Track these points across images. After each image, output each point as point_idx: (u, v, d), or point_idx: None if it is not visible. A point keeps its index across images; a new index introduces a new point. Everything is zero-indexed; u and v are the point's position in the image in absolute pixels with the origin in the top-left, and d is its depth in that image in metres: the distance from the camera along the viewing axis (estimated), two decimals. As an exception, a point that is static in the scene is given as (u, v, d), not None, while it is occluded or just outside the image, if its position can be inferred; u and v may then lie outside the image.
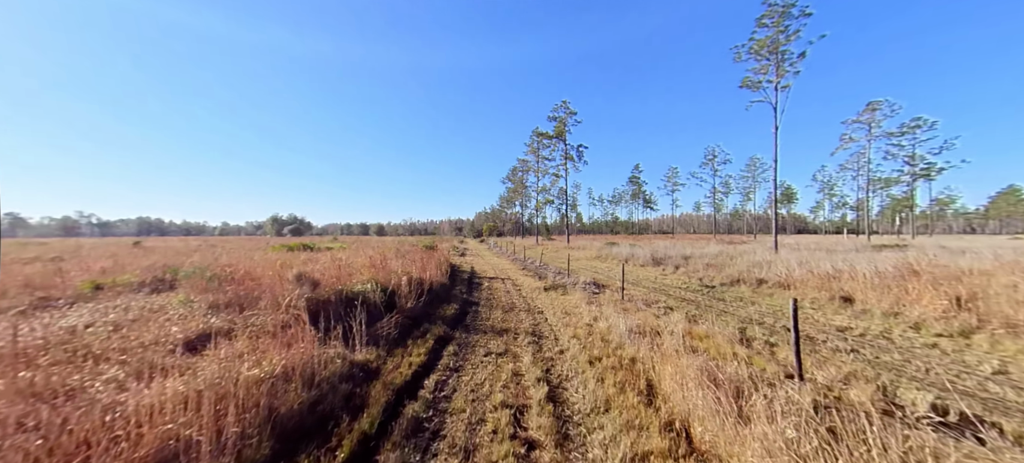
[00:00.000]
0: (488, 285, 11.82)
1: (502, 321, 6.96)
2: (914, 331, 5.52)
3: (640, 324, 5.99)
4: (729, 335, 5.39)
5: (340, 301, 5.79)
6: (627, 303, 8.21)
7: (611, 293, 9.70)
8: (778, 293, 8.96)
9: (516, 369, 4.55)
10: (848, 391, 3.32)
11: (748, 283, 10.33)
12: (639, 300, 8.67)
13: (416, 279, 8.63)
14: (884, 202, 54.85)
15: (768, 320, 6.73)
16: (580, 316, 7.13)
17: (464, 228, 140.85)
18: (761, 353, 4.71)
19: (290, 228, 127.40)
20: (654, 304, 8.27)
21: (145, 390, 2.75)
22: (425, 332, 5.86)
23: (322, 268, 6.75)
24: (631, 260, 18.17)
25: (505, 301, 9.06)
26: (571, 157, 40.02)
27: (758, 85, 18.12)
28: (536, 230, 56.50)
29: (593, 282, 11.60)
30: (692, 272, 13.32)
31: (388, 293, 6.64)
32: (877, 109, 32.47)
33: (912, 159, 33.97)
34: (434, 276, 9.93)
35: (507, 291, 10.72)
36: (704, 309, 7.79)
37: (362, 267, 7.82)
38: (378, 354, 4.62)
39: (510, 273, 15.21)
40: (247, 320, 4.81)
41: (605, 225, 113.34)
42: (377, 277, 7.33)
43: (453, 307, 7.96)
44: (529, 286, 11.40)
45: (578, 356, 4.89)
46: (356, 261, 9.45)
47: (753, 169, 63.41)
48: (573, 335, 5.87)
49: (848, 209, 76.47)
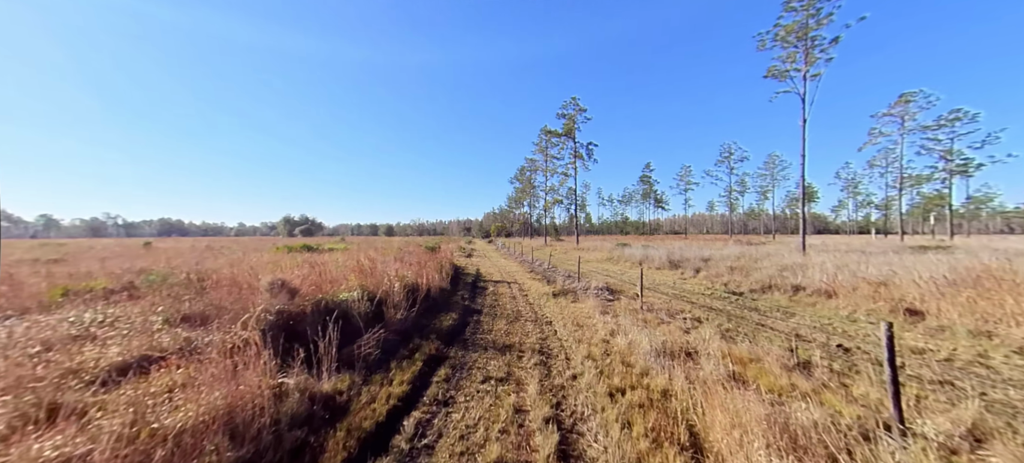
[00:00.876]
0: (493, 290, 10.99)
1: (505, 335, 6.11)
2: (1022, 357, 4.44)
3: (667, 341, 5.06)
4: (778, 357, 4.42)
5: (318, 313, 5.03)
6: (647, 313, 7.26)
7: (627, 300, 8.75)
8: (821, 303, 7.85)
9: (519, 403, 3.69)
10: (987, 457, 2.35)
11: (782, 289, 9.23)
12: (660, 309, 7.70)
13: (412, 285, 7.85)
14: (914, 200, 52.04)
15: (818, 337, 5.70)
16: (594, 329, 6.22)
17: (472, 229, 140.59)
18: (828, 385, 3.73)
19: (301, 228, 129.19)
20: (678, 315, 7.30)
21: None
22: (415, 350, 5.05)
23: (304, 274, 6.03)
24: (646, 262, 17.10)
25: (510, 309, 8.21)
26: (581, 155, 38.91)
27: (785, 74, 16.80)
28: (544, 231, 55.45)
29: (606, 287, 10.65)
30: (715, 276, 12.22)
31: (376, 302, 5.86)
32: (911, 101, 30.30)
33: (949, 154, 31.66)
34: (433, 281, 9.15)
35: (513, 297, 9.87)
36: (737, 321, 6.79)
37: (350, 272, 7.07)
38: (351, 382, 3.82)
39: (517, 276, 14.36)
40: (206, 339, 4.07)
41: (614, 225, 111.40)
42: (366, 283, 6.57)
43: (451, 317, 7.14)
44: (537, 291, 10.52)
45: (595, 385, 4.00)
46: (348, 263, 8.74)
47: (772, 167, 60.87)
48: (587, 355, 4.97)
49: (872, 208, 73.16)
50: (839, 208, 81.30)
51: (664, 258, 16.35)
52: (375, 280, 7.01)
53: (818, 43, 16.15)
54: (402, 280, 7.77)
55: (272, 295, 5.24)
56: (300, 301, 5.27)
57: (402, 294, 6.69)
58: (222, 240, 55.28)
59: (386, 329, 5.42)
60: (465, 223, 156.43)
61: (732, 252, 18.42)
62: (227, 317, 4.45)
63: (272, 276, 5.50)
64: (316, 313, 5.00)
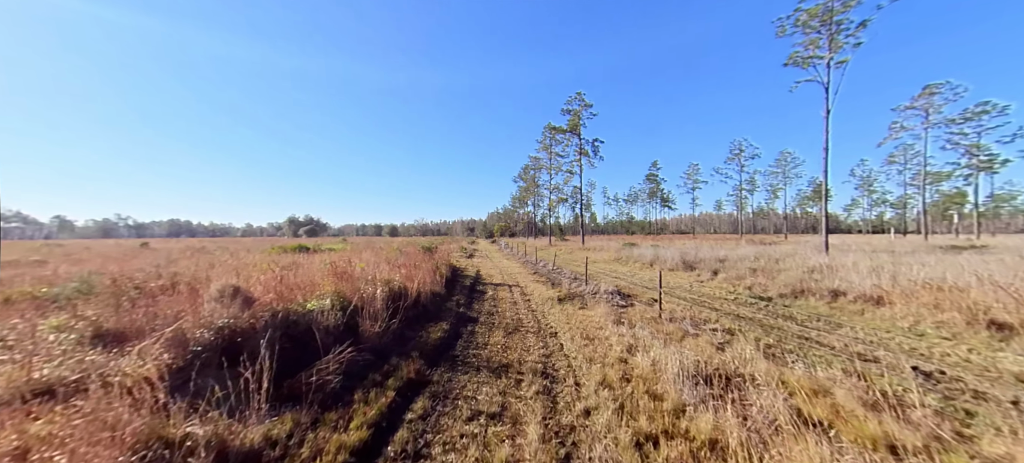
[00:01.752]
0: (492, 295, 10.06)
1: (502, 350, 5.17)
2: None
3: (700, 361, 4.08)
4: (851, 388, 3.42)
5: (274, 328, 4.14)
6: (668, 323, 6.27)
7: (642, 307, 7.76)
8: (870, 311, 6.79)
9: (515, 455, 2.75)
10: None
11: (817, 294, 8.17)
12: (682, 318, 6.71)
13: (398, 290, 6.95)
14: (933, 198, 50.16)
15: (884, 356, 4.67)
16: (607, 343, 5.26)
17: (476, 228, 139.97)
18: (941, 436, 2.73)
19: (306, 229, 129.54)
20: (705, 325, 6.30)
21: None
22: (390, 373, 4.13)
23: (269, 279, 5.15)
24: (657, 263, 16.05)
25: (510, 317, 7.27)
26: (586, 152, 37.75)
27: (807, 61, 15.62)
28: (549, 230, 54.40)
29: (616, 291, 9.67)
30: (736, 279, 11.16)
31: (349, 313, 4.95)
32: (936, 93, 28.69)
33: (976, 149, 29.98)
34: (426, 284, 8.24)
35: (514, 302, 8.93)
36: (776, 334, 5.77)
37: (326, 275, 6.19)
38: (295, 425, 2.91)
39: (519, 278, 13.42)
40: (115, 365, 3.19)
41: (620, 225, 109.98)
42: (342, 290, 5.68)
43: (442, 328, 6.22)
44: (540, 296, 9.57)
45: (615, 428, 3.05)
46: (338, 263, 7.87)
47: (784, 164, 59.03)
48: (602, 380, 4.01)
49: (886, 207, 71.03)
50: (852, 207, 78.99)
51: (677, 259, 15.29)
52: (354, 285, 6.11)
53: (844, 27, 14.98)
54: (387, 285, 6.87)
55: (221, 305, 4.36)
56: (255, 313, 4.38)
57: (384, 302, 5.78)
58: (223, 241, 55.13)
59: (358, 346, 4.51)
60: (469, 223, 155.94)
61: (747, 252, 17.31)
62: (150, 338, 3.56)
63: (224, 282, 4.63)
64: (271, 328, 4.10)
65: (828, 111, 15.87)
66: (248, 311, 4.39)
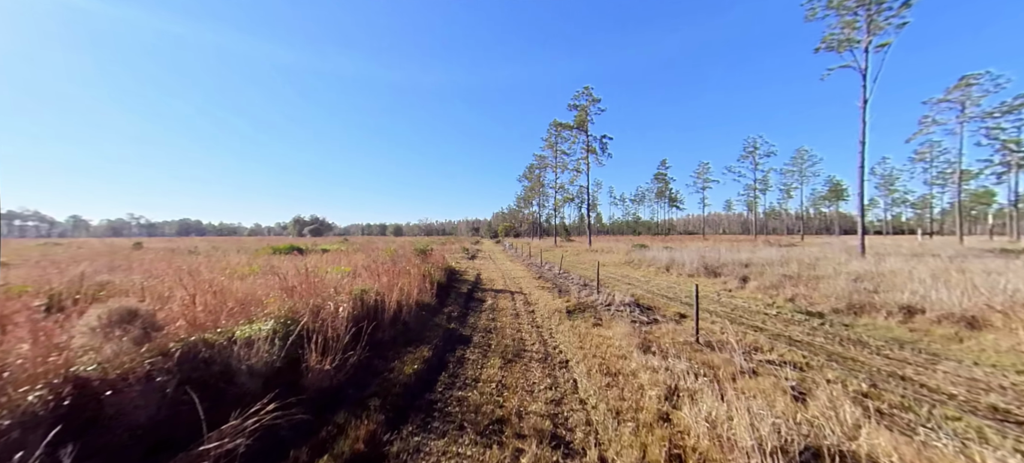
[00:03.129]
0: (492, 304, 8.78)
1: (497, 392, 3.89)
2: None
3: (780, 425, 2.76)
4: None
5: (172, 373, 2.91)
6: (709, 351, 4.94)
7: (669, 325, 6.42)
8: (972, 337, 5.35)
9: None
10: None
11: (883, 311, 6.74)
12: (723, 342, 5.37)
13: (375, 304, 5.71)
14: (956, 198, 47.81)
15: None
16: (636, 383, 3.95)
17: (481, 228, 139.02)
18: None
19: (310, 228, 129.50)
20: (756, 354, 4.95)
21: None
22: (327, 442, 2.86)
23: (189, 296, 3.92)
24: (673, 268, 14.65)
25: (510, 337, 5.99)
26: (593, 150, 36.25)
27: (843, 45, 14.07)
28: (554, 231, 53.00)
29: (634, 302, 8.33)
30: (770, 288, 9.74)
31: (292, 342, 3.70)
32: (973, 84, 26.72)
33: (1015, 144, 27.85)
34: (411, 295, 7.00)
35: (516, 314, 7.65)
36: (858, 371, 4.41)
37: (276, 290, 4.95)
38: None
39: (523, 284, 12.13)
40: None
41: (626, 225, 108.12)
42: (295, 307, 4.44)
43: (422, 355, 4.96)
44: (546, 306, 8.27)
45: None
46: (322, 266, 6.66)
47: (800, 162, 56.69)
48: (642, 460, 2.72)
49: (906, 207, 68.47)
50: (869, 206, 76.22)
51: (696, 263, 13.86)
52: (315, 300, 4.88)
53: (886, 5, 13.41)
54: (362, 298, 5.63)
55: (105, 337, 3.15)
56: (156, 345, 3.16)
57: (348, 323, 4.54)
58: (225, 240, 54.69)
59: (298, 393, 3.27)
60: (473, 223, 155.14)
61: (770, 255, 15.81)
62: None
63: (120, 303, 3.43)
64: (165, 373, 2.88)
65: (865, 101, 14.31)
66: (145, 346, 3.17)
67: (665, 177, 75.51)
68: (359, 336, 4.38)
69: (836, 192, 63.13)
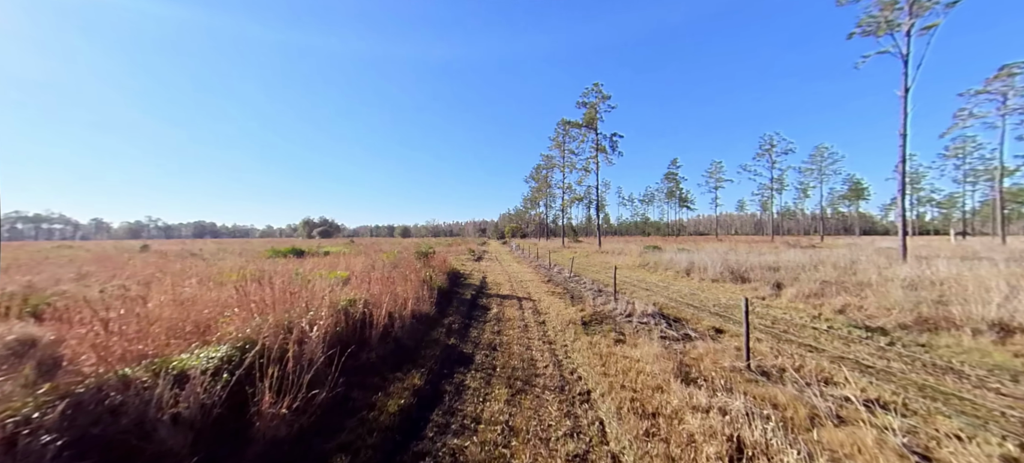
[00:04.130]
0: (497, 313, 7.92)
1: (503, 439, 3.02)
2: None
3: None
4: None
5: (61, 430, 2.13)
6: (768, 383, 4.00)
7: (707, 343, 5.46)
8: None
9: None
10: None
11: (965, 327, 5.66)
12: (780, 367, 4.41)
13: (360, 319, 4.91)
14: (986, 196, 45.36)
15: None
16: (685, 434, 3.04)
17: (488, 230, 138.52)
18: None
19: (320, 230, 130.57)
20: (823, 385, 3.98)
21: None
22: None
23: (125, 315, 3.16)
24: (694, 272, 13.59)
25: (519, 355, 5.12)
26: (603, 148, 35.09)
27: (883, 29, 12.84)
28: (562, 231, 51.91)
29: (658, 312, 7.39)
30: (811, 297, 8.66)
31: (237, 376, 2.90)
32: (1016, 74, 24.82)
33: (1060, 137, 25.84)
34: (406, 305, 6.18)
35: (524, 326, 6.78)
36: (980, 417, 3.43)
37: (237, 305, 4.16)
38: None
39: (531, 288, 11.25)
40: None
41: (634, 226, 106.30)
42: (258, 328, 3.65)
43: (412, 382, 4.12)
44: (558, 315, 7.38)
45: None
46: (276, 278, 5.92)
47: (819, 160, 54.30)
48: None
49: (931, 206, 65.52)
50: (891, 206, 73.02)
51: (720, 267, 12.78)
52: (292, 313, 4.09)
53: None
54: (348, 310, 4.83)
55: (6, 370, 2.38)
56: (56, 388, 2.39)
57: (322, 345, 3.73)
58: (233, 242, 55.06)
59: (240, 448, 2.46)
60: (480, 224, 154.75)
61: (797, 258, 14.61)
62: None
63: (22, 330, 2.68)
64: (47, 430, 2.09)
65: (907, 89, 13.06)
66: (40, 387, 2.39)
67: (676, 176, 73.74)
68: (338, 360, 3.56)
69: (856, 191, 60.48)
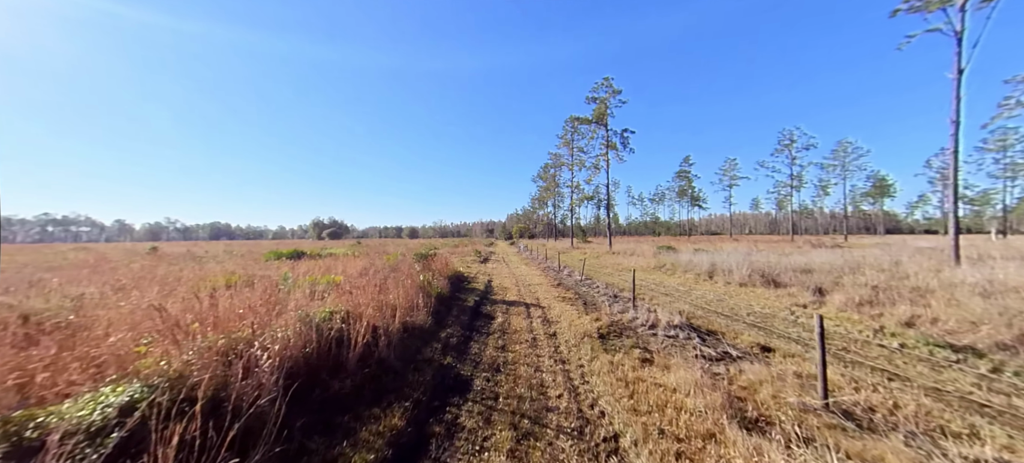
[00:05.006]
0: (502, 323, 7.02)
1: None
2: None
3: None
4: None
5: None
6: (862, 431, 3.01)
7: (755, 365, 4.47)
8: None
9: None
10: None
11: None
12: (865, 405, 3.41)
13: (336, 337, 4.08)
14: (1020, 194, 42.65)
15: None
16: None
17: (495, 230, 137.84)
18: None
19: (329, 231, 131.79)
20: (935, 434, 2.98)
21: None
22: None
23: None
24: (717, 274, 12.48)
25: (526, 380, 4.23)
26: (614, 145, 33.86)
27: (933, 4, 11.52)
28: (570, 232, 50.76)
29: (687, 323, 6.40)
30: (863, 305, 7.55)
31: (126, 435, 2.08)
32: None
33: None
34: (396, 316, 5.33)
35: (532, 340, 5.88)
36: None
37: (170, 326, 3.36)
38: None
39: (540, 293, 10.34)
40: None
41: (643, 226, 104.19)
42: (190, 358, 2.84)
43: (391, 425, 3.25)
44: (571, 327, 6.44)
45: None
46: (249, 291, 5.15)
47: (842, 155, 51.67)
48: None
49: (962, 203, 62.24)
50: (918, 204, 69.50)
51: (746, 269, 11.64)
52: (246, 333, 3.28)
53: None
54: (325, 325, 4.01)
55: None
56: None
57: (276, 374, 2.90)
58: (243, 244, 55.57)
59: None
60: (487, 225, 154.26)
61: (829, 259, 13.34)
62: None
63: None
64: None
65: (960, 70, 11.72)
66: None
67: (688, 174, 71.74)
68: (306, 393, 2.72)
69: (881, 188, 57.56)
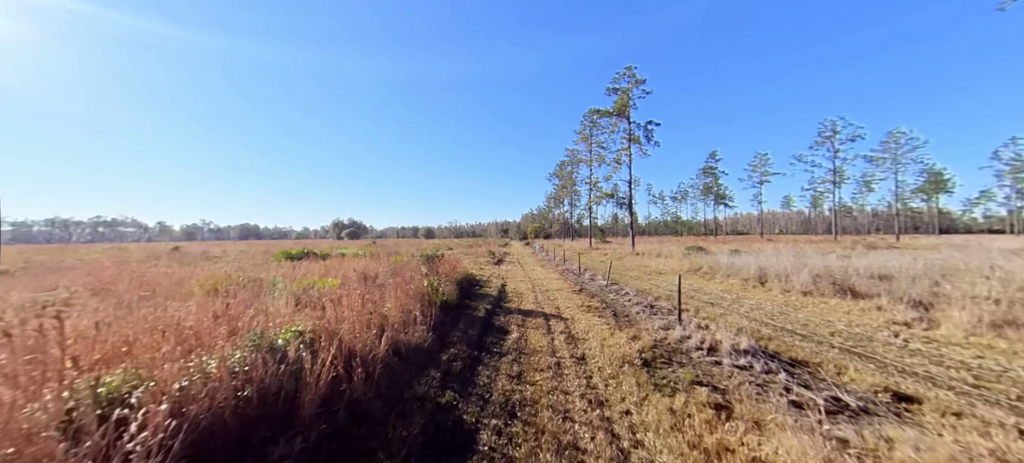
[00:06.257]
0: (517, 341, 5.75)
1: None
2: None
3: None
4: None
5: None
6: None
7: (901, 429, 3.01)
8: None
9: None
10: None
11: None
12: None
13: (294, 367, 2.95)
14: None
15: None
16: None
17: (510, 230, 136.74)
18: None
19: (348, 231, 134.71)
20: None
21: None
22: None
23: None
24: (769, 280, 10.75)
25: (550, 432, 2.95)
26: (636, 138, 31.86)
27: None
28: (589, 231, 48.86)
29: (760, 348, 4.95)
30: (1000, 326, 5.79)
31: None
32: None
33: None
34: (392, 331, 4.18)
35: (556, 366, 4.59)
36: None
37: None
38: None
39: (560, 301, 9.01)
40: None
41: (664, 226, 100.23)
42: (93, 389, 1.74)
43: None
44: (604, 348, 5.10)
45: None
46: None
47: (893, 147, 46.75)
48: None
49: None
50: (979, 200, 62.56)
51: (807, 274, 9.87)
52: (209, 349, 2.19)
53: None
54: (287, 350, 2.89)
55: None
56: None
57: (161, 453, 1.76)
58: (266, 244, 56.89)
59: None
60: (502, 225, 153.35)
61: (901, 263, 11.31)
62: None
63: None
64: None
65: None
66: None
67: (715, 171, 68.10)
68: None
69: (937, 183, 52.07)
